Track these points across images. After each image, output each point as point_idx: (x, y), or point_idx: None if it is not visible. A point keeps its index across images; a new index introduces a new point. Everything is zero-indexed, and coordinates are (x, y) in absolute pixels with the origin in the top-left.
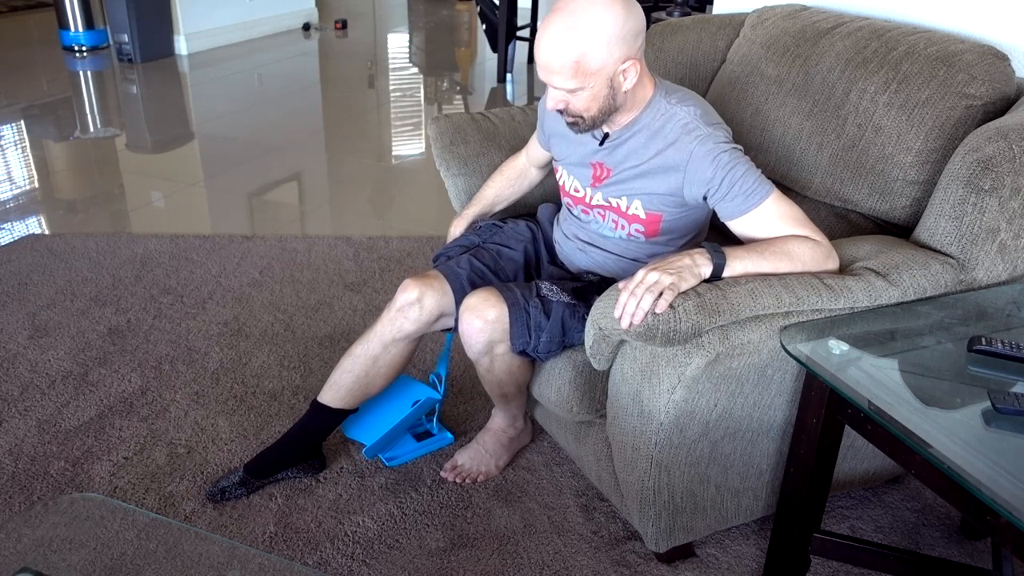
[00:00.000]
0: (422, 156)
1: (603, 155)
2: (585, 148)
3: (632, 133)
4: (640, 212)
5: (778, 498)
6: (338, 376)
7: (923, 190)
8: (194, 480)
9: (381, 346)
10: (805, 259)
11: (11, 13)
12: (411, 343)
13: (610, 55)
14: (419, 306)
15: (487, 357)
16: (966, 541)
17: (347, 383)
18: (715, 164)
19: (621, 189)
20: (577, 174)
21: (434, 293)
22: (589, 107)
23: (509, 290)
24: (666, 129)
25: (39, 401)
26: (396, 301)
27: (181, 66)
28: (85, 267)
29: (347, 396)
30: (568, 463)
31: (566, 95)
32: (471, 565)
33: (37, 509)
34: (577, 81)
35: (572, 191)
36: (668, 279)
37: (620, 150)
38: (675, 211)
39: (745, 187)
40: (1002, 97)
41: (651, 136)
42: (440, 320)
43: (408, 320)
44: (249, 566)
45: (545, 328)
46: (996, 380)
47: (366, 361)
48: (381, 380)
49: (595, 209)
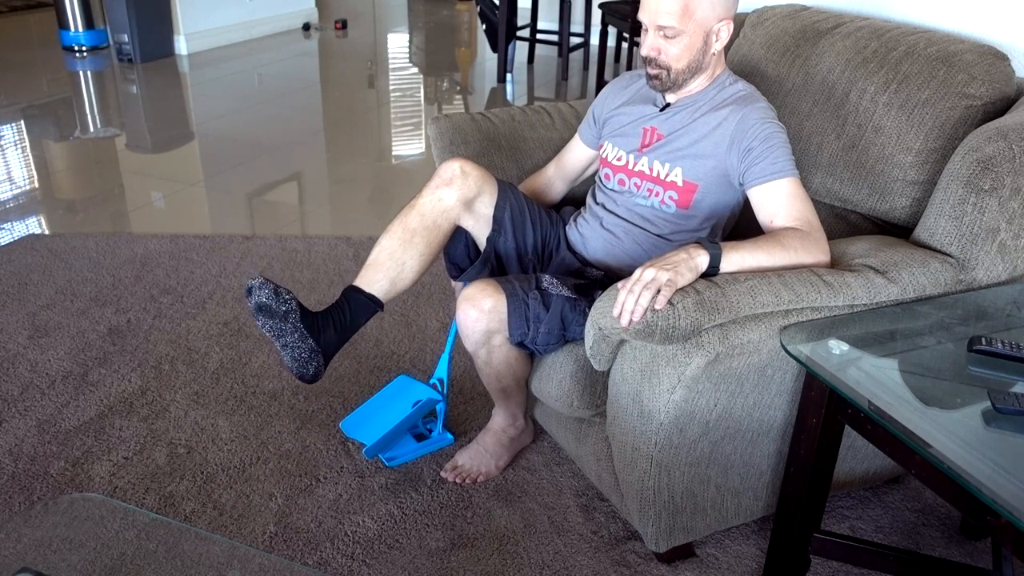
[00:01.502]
0: (422, 156)
1: (660, 120)
2: (643, 116)
3: (694, 102)
4: (679, 179)
5: (778, 498)
6: (374, 255)
7: (923, 190)
8: (194, 480)
9: (419, 217)
10: (797, 247)
11: (11, 13)
12: (447, 226)
13: (713, 7)
14: (462, 177)
15: (484, 348)
16: (966, 541)
17: (383, 261)
18: (760, 128)
19: (667, 154)
20: (623, 143)
21: (477, 171)
22: (680, 57)
23: (508, 282)
24: (726, 100)
25: (39, 401)
26: (438, 173)
27: (181, 66)
28: (85, 267)
29: (383, 278)
30: (568, 463)
31: (662, 41)
32: (471, 565)
33: (37, 509)
34: (681, 23)
35: (615, 160)
36: (665, 275)
37: (679, 117)
38: (712, 184)
39: (777, 159)
40: (1002, 97)
41: (712, 107)
42: (470, 208)
43: (451, 188)
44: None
45: (544, 320)
46: (996, 380)
47: (403, 235)
48: (413, 264)
49: (634, 178)
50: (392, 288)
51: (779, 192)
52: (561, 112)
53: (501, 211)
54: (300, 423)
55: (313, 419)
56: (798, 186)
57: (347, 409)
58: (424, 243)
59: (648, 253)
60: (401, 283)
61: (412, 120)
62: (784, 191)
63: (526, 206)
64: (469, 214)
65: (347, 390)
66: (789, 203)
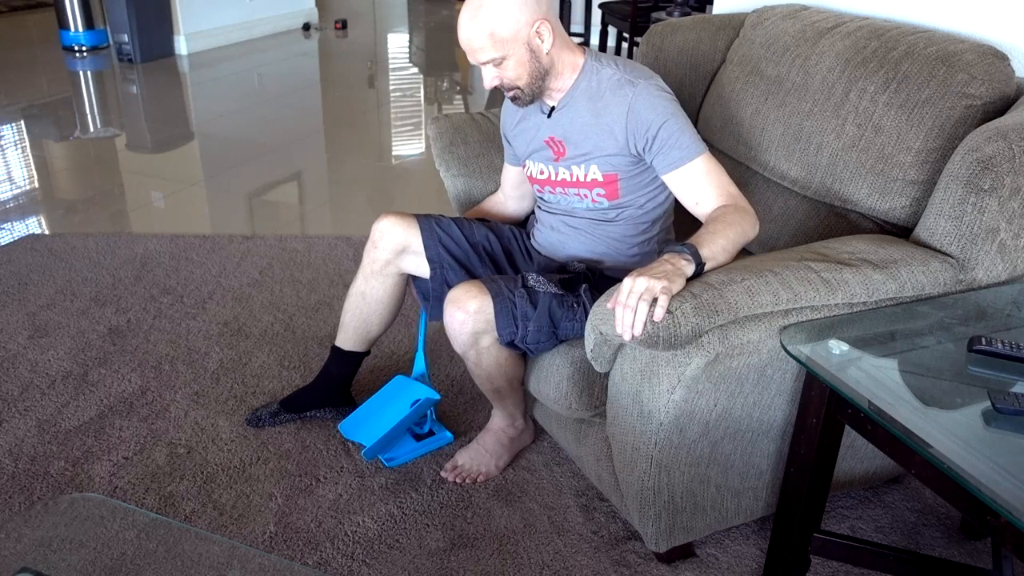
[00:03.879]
0: (422, 156)
1: (553, 127)
2: (539, 128)
3: (572, 98)
4: (598, 175)
5: (778, 498)
6: (342, 317)
7: (923, 190)
8: (194, 480)
9: (364, 280)
10: (738, 221)
11: (11, 13)
12: (392, 278)
13: (518, 20)
14: (388, 234)
15: (473, 350)
16: (966, 541)
17: (348, 323)
18: (653, 112)
19: (578, 158)
20: (539, 157)
21: (402, 224)
22: (519, 74)
23: (493, 282)
24: (601, 88)
25: (39, 401)
26: (370, 234)
27: (181, 66)
28: (85, 267)
29: (353, 336)
30: (568, 463)
31: (496, 70)
32: (471, 565)
33: (37, 509)
34: (497, 50)
35: (539, 175)
36: (659, 284)
37: (566, 118)
38: (629, 169)
39: (680, 142)
40: (1002, 97)
41: (590, 97)
42: (405, 256)
43: (377, 248)
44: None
45: (532, 318)
46: (996, 380)
47: (357, 298)
48: (376, 318)
49: (559, 186)
50: (367, 340)
51: (693, 175)
52: None
53: (432, 251)
54: (300, 423)
55: (313, 419)
56: (708, 160)
57: (347, 409)
58: (377, 300)
59: (604, 239)
60: (373, 335)
61: (412, 120)
62: (698, 172)
63: (461, 233)
64: (408, 260)
65: None
66: (707, 183)
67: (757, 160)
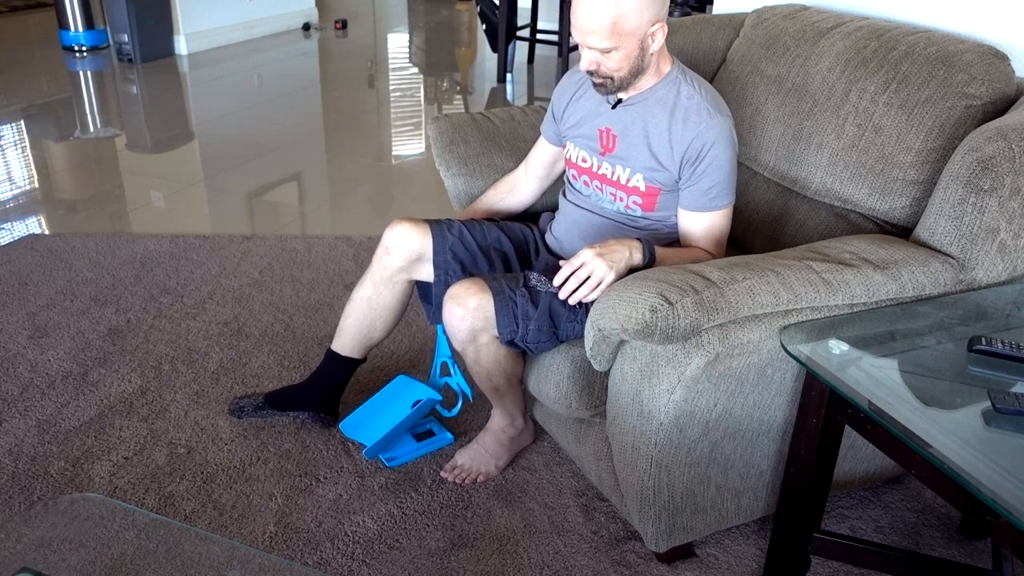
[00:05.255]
0: (422, 156)
1: (613, 120)
2: (597, 114)
3: (645, 100)
4: (640, 184)
5: (778, 498)
6: (342, 322)
7: (923, 190)
8: (194, 480)
9: (372, 286)
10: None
11: (11, 13)
12: (401, 285)
13: (642, 16)
14: (403, 241)
15: (472, 347)
16: (966, 541)
17: (350, 327)
18: (712, 153)
19: (626, 160)
20: (584, 144)
21: (417, 230)
22: (620, 67)
23: (494, 280)
24: (679, 105)
25: (39, 401)
26: (383, 240)
27: (181, 66)
28: (85, 267)
29: (352, 341)
30: (568, 463)
31: (599, 56)
32: (471, 565)
33: (37, 509)
34: (612, 41)
35: (579, 161)
36: (610, 276)
37: (630, 116)
38: (671, 187)
39: (713, 192)
40: (1002, 97)
41: (664, 108)
42: (419, 264)
43: (390, 255)
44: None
45: (533, 317)
46: (996, 380)
47: (361, 303)
48: (380, 324)
49: (596, 180)
50: (367, 347)
51: (705, 222)
52: None
53: (439, 256)
54: (300, 423)
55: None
56: (724, 216)
57: (347, 409)
58: (383, 307)
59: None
60: (374, 341)
61: (412, 120)
62: (710, 223)
63: (471, 236)
64: (420, 268)
65: (347, 390)
66: (710, 232)
67: (757, 160)
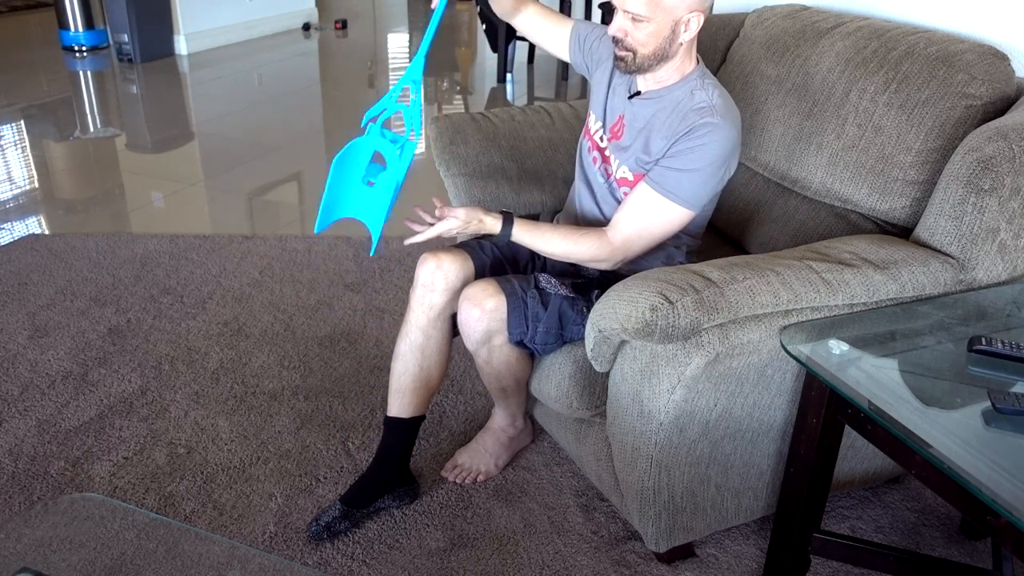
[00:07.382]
0: (422, 156)
1: (627, 108)
2: (617, 97)
3: (659, 98)
4: (628, 175)
5: (778, 498)
6: (393, 382)
7: (923, 190)
8: (194, 480)
9: (419, 332)
10: (584, 249)
11: (11, 13)
12: (448, 322)
13: None
14: (441, 273)
15: (485, 348)
16: (966, 541)
17: (406, 386)
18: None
19: (623, 155)
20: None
21: (453, 259)
22: (647, 43)
23: (508, 281)
24: (688, 112)
25: (39, 401)
26: (418, 279)
27: (181, 66)
28: (85, 267)
29: (413, 399)
30: (568, 463)
31: (630, 24)
32: (471, 565)
33: (37, 509)
34: (648, 10)
35: (595, 134)
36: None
37: (644, 111)
38: None
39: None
40: (1002, 97)
41: (675, 114)
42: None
43: (435, 292)
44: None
45: (542, 319)
46: (996, 380)
47: (414, 355)
48: (437, 370)
49: (600, 157)
50: (429, 399)
51: (643, 200)
52: (561, 112)
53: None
54: (300, 423)
55: (313, 419)
56: (665, 211)
57: (347, 409)
58: (437, 350)
59: None
60: (434, 389)
61: None
62: (648, 203)
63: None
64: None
65: (347, 390)
66: (636, 214)
67: (757, 160)
